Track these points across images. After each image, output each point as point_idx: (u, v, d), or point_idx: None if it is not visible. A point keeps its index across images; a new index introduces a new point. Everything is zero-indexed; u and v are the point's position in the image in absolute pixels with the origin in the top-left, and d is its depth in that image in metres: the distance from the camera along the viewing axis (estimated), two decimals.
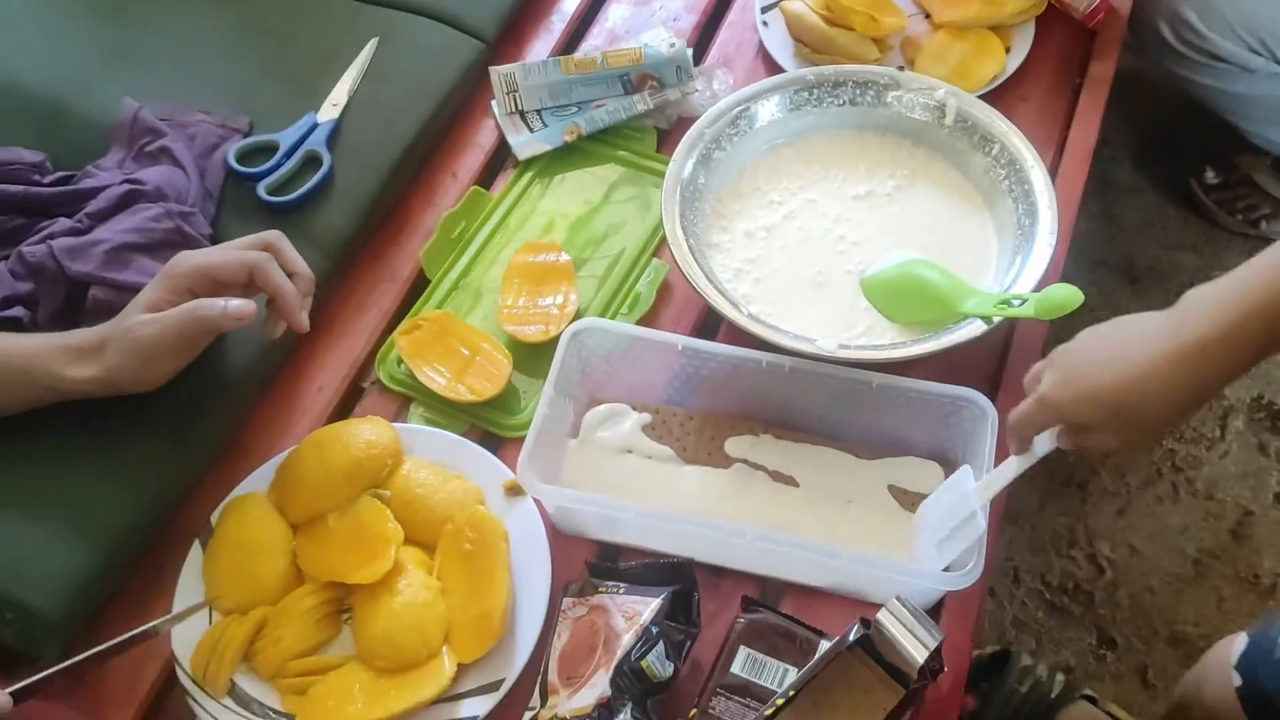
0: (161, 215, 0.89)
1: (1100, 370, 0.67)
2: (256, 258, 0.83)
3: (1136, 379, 0.65)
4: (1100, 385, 0.67)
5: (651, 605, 0.76)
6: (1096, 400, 0.67)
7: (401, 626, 0.78)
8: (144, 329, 0.79)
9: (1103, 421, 0.68)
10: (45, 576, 0.80)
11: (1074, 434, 0.71)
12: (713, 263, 0.95)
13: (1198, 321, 0.64)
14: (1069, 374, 0.69)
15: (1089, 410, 0.68)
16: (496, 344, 0.96)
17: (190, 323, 0.80)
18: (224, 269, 0.82)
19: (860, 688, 0.68)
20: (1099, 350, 0.69)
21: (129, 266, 0.87)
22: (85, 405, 0.84)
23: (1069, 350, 0.71)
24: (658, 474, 0.90)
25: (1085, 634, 1.34)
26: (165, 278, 0.82)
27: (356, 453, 0.85)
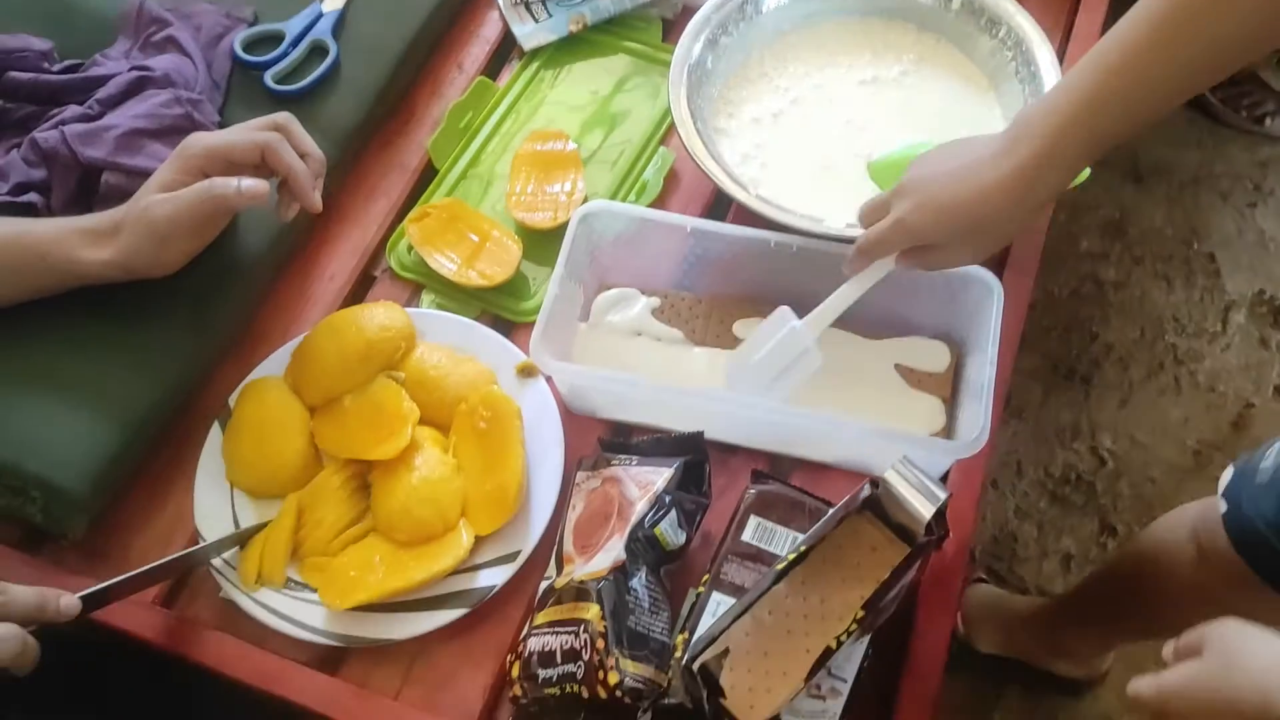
0: (171, 101, 0.89)
1: (954, 193, 0.72)
2: (269, 138, 0.83)
3: (987, 196, 0.70)
4: (956, 205, 0.72)
5: (664, 474, 0.77)
6: (953, 218, 0.72)
7: (419, 500, 0.80)
8: (159, 208, 0.80)
9: (959, 235, 0.74)
10: (70, 455, 0.81)
11: (921, 254, 0.76)
12: (720, 147, 0.95)
13: (1029, 140, 0.69)
14: (922, 198, 0.74)
15: (946, 227, 0.73)
16: (506, 230, 0.96)
17: (205, 201, 0.81)
18: (236, 149, 0.83)
19: (868, 546, 0.70)
20: (949, 176, 0.73)
21: (140, 151, 0.87)
22: (106, 294, 0.85)
23: (915, 178, 0.75)
24: (667, 356, 0.91)
25: (1087, 523, 1.37)
26: (178, 159, 0.82)
27: (371, 335, 0.86)
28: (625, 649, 0.70)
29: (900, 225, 0.75)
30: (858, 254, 0.79)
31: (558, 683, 0.71)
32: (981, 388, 0.80)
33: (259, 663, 0.78)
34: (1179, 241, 1.58)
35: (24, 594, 0.68)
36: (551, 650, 0.72)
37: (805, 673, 0.66)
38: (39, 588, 0.69)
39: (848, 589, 0.69)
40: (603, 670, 0.69)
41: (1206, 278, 1.54)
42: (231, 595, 0.80)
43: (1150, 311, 1.52)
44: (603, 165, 1.02)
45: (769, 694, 0.66)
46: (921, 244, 0.76)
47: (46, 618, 0.69)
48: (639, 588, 0.74)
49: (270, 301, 0.96)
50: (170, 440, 0.88)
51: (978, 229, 0.73)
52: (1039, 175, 0.69)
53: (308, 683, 0.77)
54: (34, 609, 0.68)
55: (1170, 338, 1.49)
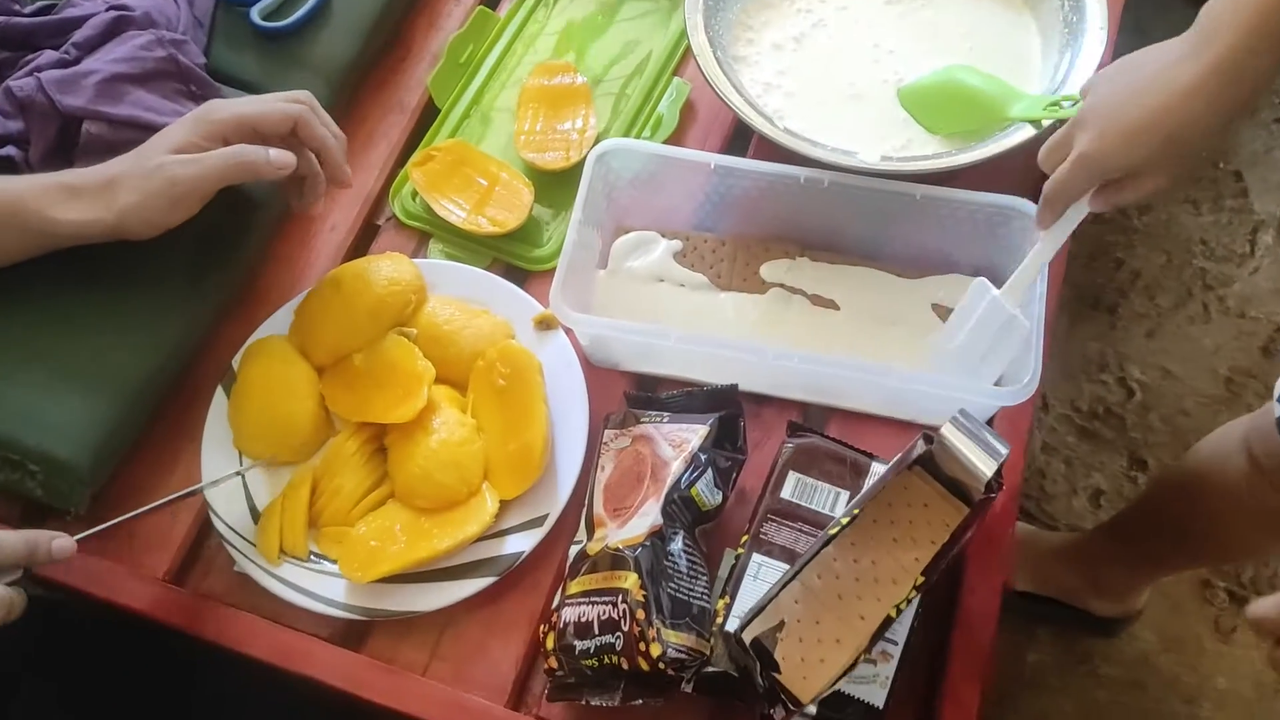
0: (153, 43, 0.83)
1: (1140, 106, 0.64)
2: (301, 110, 0.78)
3: (1181, 101, 0.63)
4: (1145, 118, 0.64)
5: (699, 432, 0.73)
6: (1145, 133, 0.64)
7: (439, 464, 0.76)
8: (182, 169, 0.75)
9: (1152, 156, 0.65)
10: (68, 427, 0.77)
11: (1117, 187, 0.68)
12: (740, 77, 0.89)
13: (1222, 34, 0.61)
14: (1105, 124, 0.66)
15: (1138, 148, 0.65)
16: (515, 173, 0.91)
17: (233, 167, 0.75)
18: (266, 119, 0.77)
19: (919, 503, 0.66)
20: (1130, 89, 0.65)
21: (123, 99, 0.81)
22: (96, 258, 0.79)
23: (1093, 105, 0.68)
24: (692, 302, 0.86)
25: (1117, 457, 1.33)
26: (199, 122, 0.76)
27: (379, 290, 0.81)
28: (666, 618, 0.67)
29: (1085, 161, 0.67)
30: (1045, 205, 0.71)
31: (595, 654, 0.68)
32: (1028, 329, 0.75)
33: (279, 640, 0.75)
34: (1206, 162, 1.52)
35: (10, 538, 0.65)
36: (588, 621, 0.68)
37: (860, 641, 0.63)
38: (27, 531, 0.66)
39: (900, 550, 0.65)
40: (644, 642, 0.65)
41: (1234, 198, 1.49)
42: (247, 569, 0.76)
43: (1177, 235, 1.46)
44: (614, 99, 0.96)
45: (822, 664, 0.63)
46: (1113, 177, 0.67)
47: (38, 561, 0.66)
48: (677, 552, 0.70)
49: (270, 256, 0.90)
50: (173, 408, 0.83)
51: (1174, 145, 0.64)
52: (1240, 69, 0.61)
53: (331, 659, 0.74)
54: (22, 554, 0.65)
55: (1198, 262, 1.44)
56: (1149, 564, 1.14)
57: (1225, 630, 1.23)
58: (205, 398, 0.82)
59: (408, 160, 0.93)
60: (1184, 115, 0.63)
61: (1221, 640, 1.23)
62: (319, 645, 0.74)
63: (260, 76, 0.92)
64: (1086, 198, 0.70)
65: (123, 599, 0.76)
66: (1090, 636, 1.22)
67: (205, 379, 0.84)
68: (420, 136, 0.95)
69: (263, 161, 0.76)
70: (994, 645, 0.72)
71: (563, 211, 0.91)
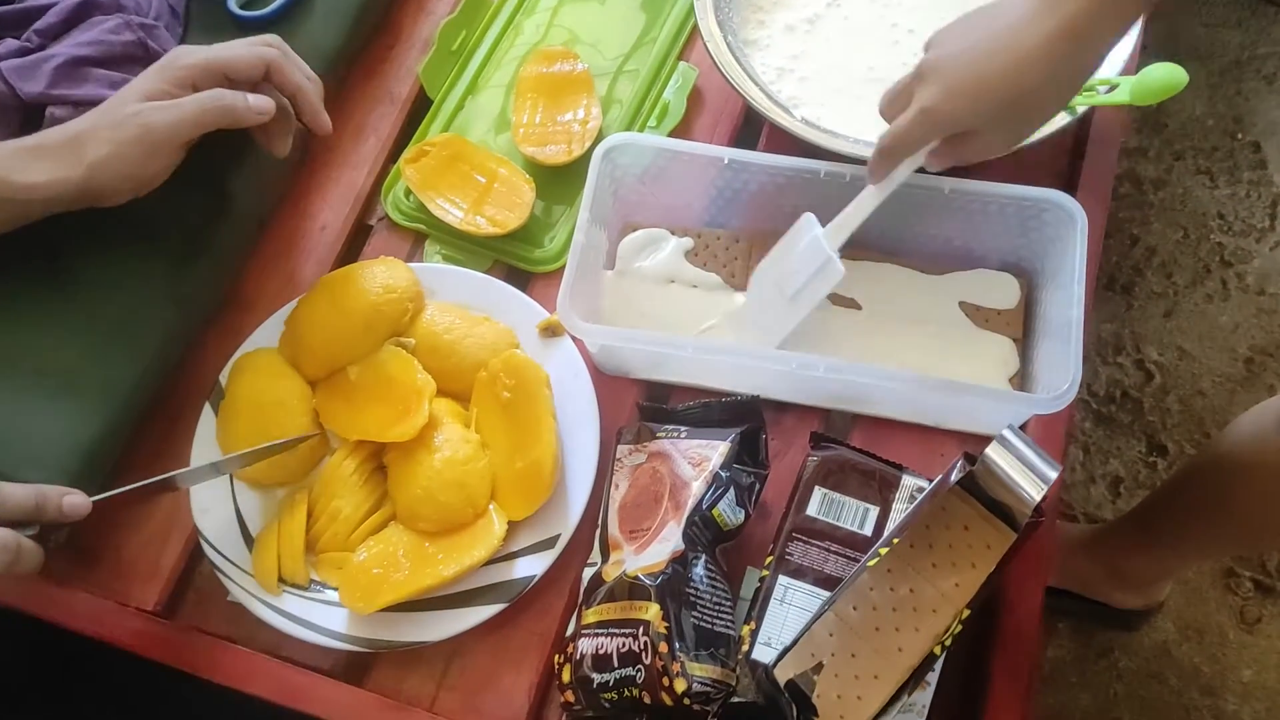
0: (120, 27, 0.77)
1: (988, 64, 0.62)
2: (273, 54, 0.74)
3: (1027, 66, 0.61)
4: (991, 78, 0.62)
5: (720, 449, 0.69)
6: (989, 96, 0.63)
7: (443, 484, 0.72)
8: (156, 115, 0.70)
9: (995, 117, 0.64)
10: (42, 448, 0.72)
11: (955, 146, 0.67)
12: (752, 62, 0.84)
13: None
14: (950, 80, 0.64)
15: (981, 111, 0.64)
16: (515, 168, 0.86)
17: (210, 111, 0.71)
18: (237, 64, 0.73)
19: (959, 525, 0.62)
20: (978, 46, 0.63)
21: (87, 80, 0.76)
22: (70, 263, 0.75)
23: (939, 58, 0.65)
24: (705, 303, 0.81)
25: (1135, 442, 1.30)
26: (165, 69, 0.72)
27: (373, 297, 0.77)
28: (690, 649, 0.63)
29: (926, 115, 0.65)
30: (879, 156, 0.70)
31: (615, 687, 0.64)
32: (1066, 329, 0.71)
33: (277, 676, 0.71)
34: (1221, 132, 1.47)
35: (19, 492, 0.63)
36: (607, 653, 0.64)
37: (900, 676, 0.59)
38: (38, 485, 0.64)
39: (940, 576, 0.61)
40: (667, 677, 0.61)
41: (1252, 170, 1.44)
42: (241, 600, 0.72)
43: (1193, 210, 1.42)
44: (616, 86, 0.90)
45: (859, 702, 0.59)
46: (953, 133, 0.66)
47: (48, 518, 0.63)
48: (699, 577, 0.66)
49: (256, 259, 0.85)
50: (157, 426, 0.79)
51: (1017, 108, 0.63)
52: (1089, 31, 0.60)
53: (332, 695, 0.70)
54: (31, 509, 0.63)
55: (1216, 237, 1.40)
56: (1175, 553, 1.11)
57: (1250, 620, 1.20)
58: (192, 415, 0.77)
59: (399, 155, 0.87)
60: (1030, 79, 0.62)
61: (1246, 631, 1.20)
62: (319, 681, 0.70)
63: None
64: (923, 152, 0.68)
65: (110, 634, 0.72)
66: (1110, 630, 1.19)
67: (191, 394, 0.79)
68: (412, 130, 0.90)
69: (242, 106, 0.72)
70: (1036, 668, 0.68)
71: (566, 208, 0.86)
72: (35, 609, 0.73)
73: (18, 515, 0.62)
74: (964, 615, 0.59)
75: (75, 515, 0.64)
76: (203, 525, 0.74)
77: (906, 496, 0.70)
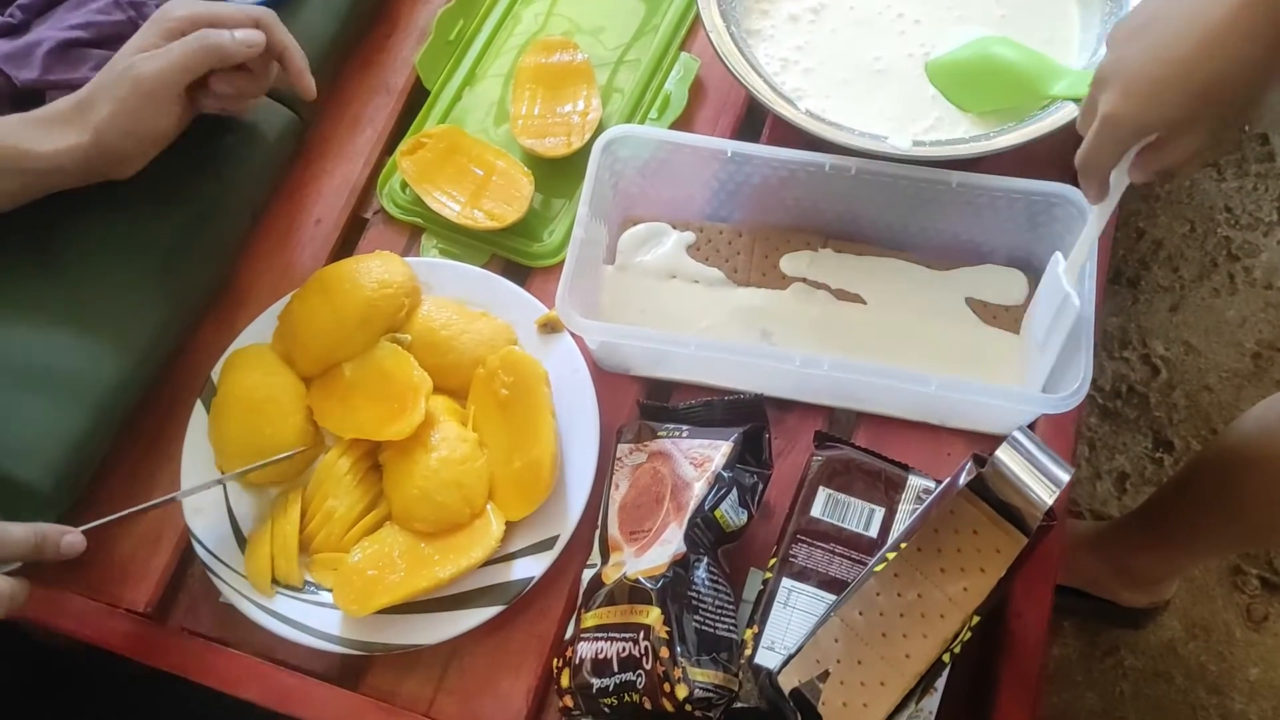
0: (110, 6, 0.77)
1: (1167, 56, 0.55)
2: (263, 11, 0.74)
3: (1212, 47, 0.54)
4: (1173, 70, 0.55)
5: (722, 449, 0.67)
6: (1176, 86, 0.55)
7: (440, 484, 0.70)
8: (146, 64, 0.70)
9: (1188, 111, 0.56)
10: (26, 446, 0.70)
11: (1154, 150, 0.59)
12: (755, 52, 0.83)
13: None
14: (1129, 79, 0.56)
15: (1170, 103, 0.56)
16: (513, 161, 0.84)
17: (199, 51, 0.70)
18: (227, 19, 0.72)
19: (968, 529, 0.61)
20: (1154, 39, 0.56)
21: (82, 63, 0.76)
22: (59, 253, 0.74)
23: (1115, 59, 0.58)
24: (707, 299, 0.80)
25: (1141, 438, 1.28)
26: (156, 23, 0.72)
27: (369, 293, 0.75)
28: (691, 654, 0.62)
29: (1110, 123, 0.58)
30: (1081, 178, 0.63)
31: (615, 692, 0.62)
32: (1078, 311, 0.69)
33: (270, 679, 0.69)
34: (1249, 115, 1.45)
35: (19, 531, 0.62)
36: (606, 657, 0.63)
37: (907, 683, 0.58)
38: (37, 524, 0.63)
39: (948, 581, 0.60)
40: (668, 682, 0.60)
41: (1259, 162, 1.42)
42: (234, 601, 0.70)
43: (1200, 203, 1.40)
44: (617, 77, 0.89)
45: (865, 710, 0.57)
46: (1145, 138, 0.58)
47: (46, 558, 0.63)
48: (701, 580, 0.64)
49: (249, 253, 0.84)
50: (148, 424, 0.77)
51: (1207, 99, 0.55)
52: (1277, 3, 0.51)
53: (327, 700, 0.69)
54: (30, 548, 0.63)
55: (1223, 231, 1.38)
56: (1183, 551, 1.09)
57: (1257, 618, 1.18)
58: (183, 412, 0.76)
59: (396, 148, 0.86)
60: (1217, 63, 0.54)
61: (1253, 629, 1.18)
62: (313, 685, 0.69)
63: None
64: (1124, 168, 0.61)
65: (99, 637, 0.71)
66: (1116, 628, 1.18)
67: (182, 390, 0.77)
68: (409, 121, 0.88)
69: (229, 41, 0.72)
70: (1044, 675, 0.66)
71: (565, 201, 0.84)
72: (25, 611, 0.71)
73: (17, 555, 0.62)
74: (974, 621, 0.57)
75: (72, 554, 0.64)
76: (195, 526, 0.72)
77: (913, 497, 0.68)
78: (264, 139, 0.82)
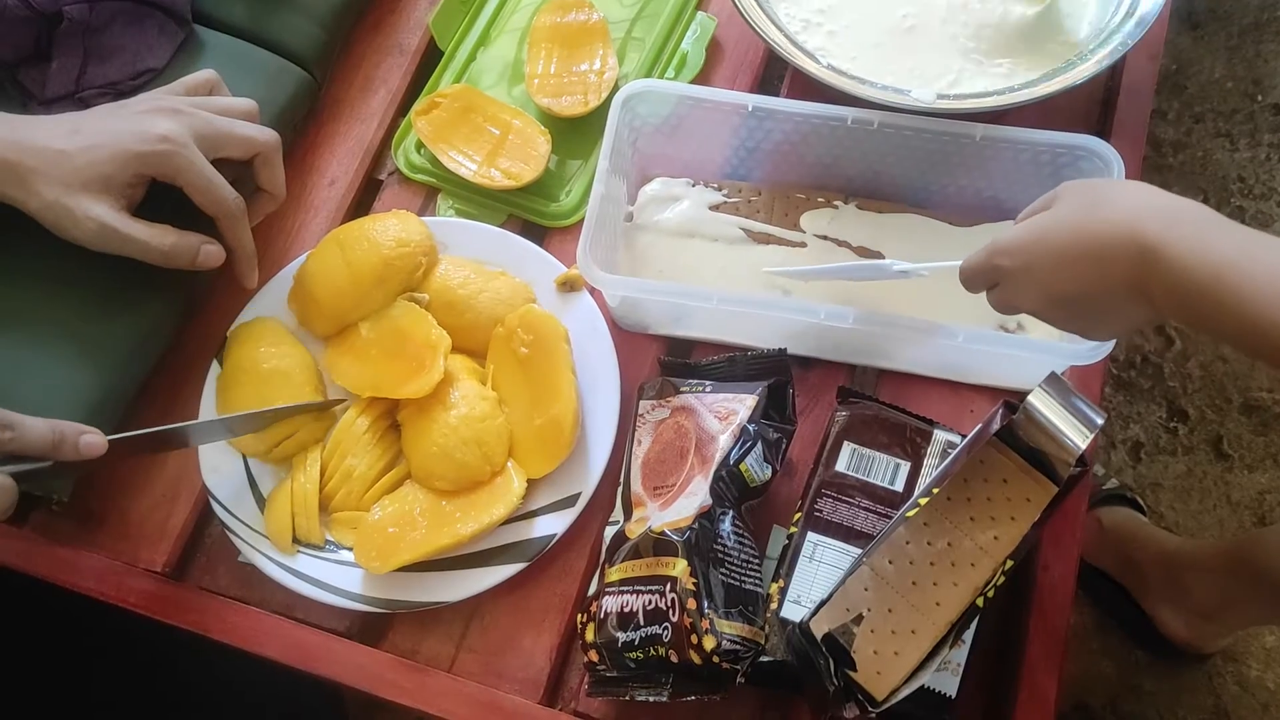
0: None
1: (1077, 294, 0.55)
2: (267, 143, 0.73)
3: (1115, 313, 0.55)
4: (1071, 303, 0.56)
5: (747, 403, 0.67)
6: (1062, 308, 0.57)
7: (460, 441, 0.70)
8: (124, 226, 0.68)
9: (1054, 319, 0.59)
10: (43, 406, 0.68)
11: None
12: (776, 11, 0.82)
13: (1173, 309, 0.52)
14: (1032, 280, 0.56)
15: (1045, 311, 0.58)
16: (529, 120, 0.83)
17: (164, 254, 0.70)
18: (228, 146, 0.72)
19: (998, 478, 0.60)
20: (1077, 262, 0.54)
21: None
22: None
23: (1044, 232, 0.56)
24: (727, 257, 0.79)
25: (1155, 408, 1.27)
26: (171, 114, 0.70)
27: (386, 251, 0.74)
28: (719, 607, 0.61)
29: (998, 295, 0.60)
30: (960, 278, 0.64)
31: (640, 646, 0.62)
32: None
33: (292, 637, 0.69)
34: (1241, 95, 1.45)
35: (38, 426, 0.61)
36: (632, 610, 0.62)
37: (938, 631, 0.57)
38: (55, 421, 0.62)
39: (978, 529, 0.59)
40: (695, 635, 0.59)
41: (1272, 133, 1.41)
42: (253, 560, 0.70)
43: (1214, 174, 1.39)
44: (632, 36, 0.88)
45: (897, 657, 0.57)
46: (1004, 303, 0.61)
47: (63, 455, 0.62)
48: (727, 533, 0.64)
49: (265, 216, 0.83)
50: (164, 383, 0.76)
51: (1077, 326, 0.59)
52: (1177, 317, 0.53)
53: (349, 657, 0.68)
54: (48, 445, 0.61)
55: (1236, 201, 1.37)
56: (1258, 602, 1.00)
57: None
58: (199, 371, 0.75)
59: (410, 108, 0.85)
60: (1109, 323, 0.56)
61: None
62: (335, 642, 0.68)
63: (248, 21, 0.84)
64: None
65: (118, 596, 0.70)
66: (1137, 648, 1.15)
67: (198, 351, 0.77)
68: (423, 82, 0.87)
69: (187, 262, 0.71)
70: (1069, 630, 0.66)
71: (583, 161, 0.83)
72: (42, 571, 0.70)
73: (34, 450, 0.61)
74: (1007, 566, 0.57)
75: (91, 454, 0.62)
76: (212, 484, 0.72)
77: (939, 451, 0.68)
78: (276, 101, 0.81)
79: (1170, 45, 1.48)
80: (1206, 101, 1.45)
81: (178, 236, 0.70)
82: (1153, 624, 1.12)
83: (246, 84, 0.78)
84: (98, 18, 0.77)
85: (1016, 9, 0.80)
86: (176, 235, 0.70)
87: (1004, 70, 0.79)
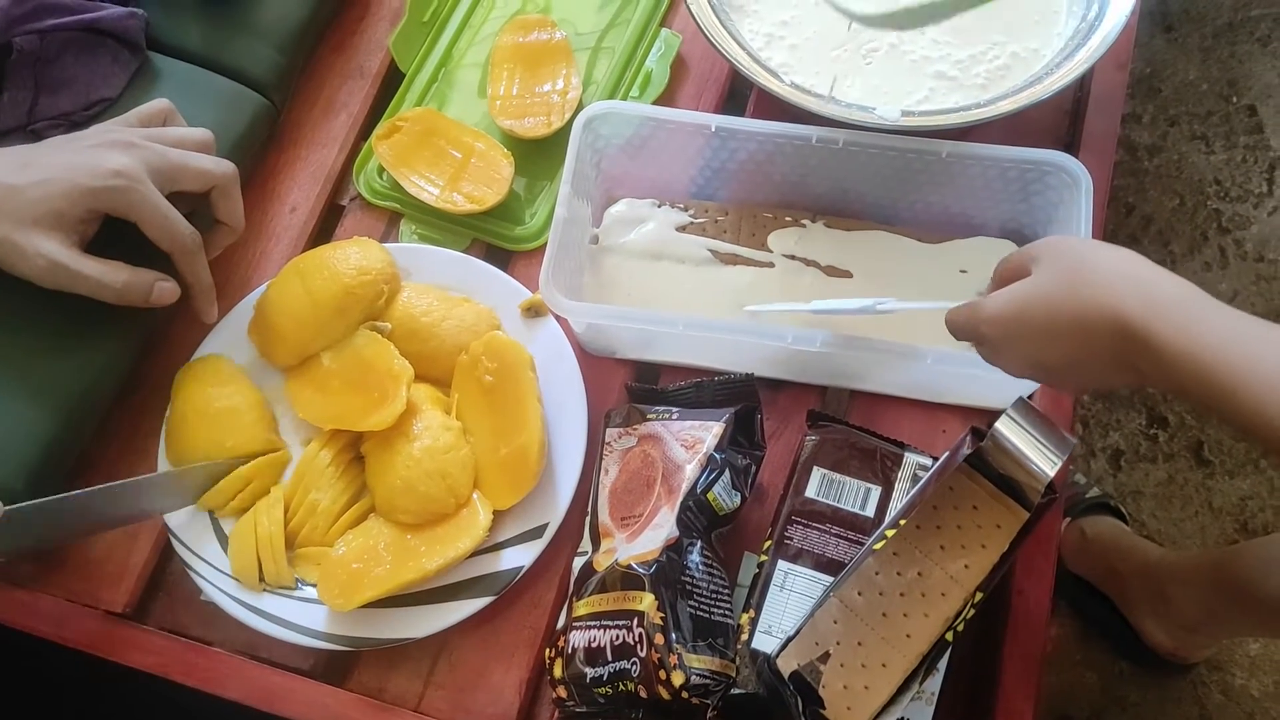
0: None
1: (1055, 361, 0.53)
2: (223, 176, 0.71)
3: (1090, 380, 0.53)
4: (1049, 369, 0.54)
5: (714, 430, 0.66)
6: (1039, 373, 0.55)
7: (423, 474, 0.68)
8: (76, 264, 0.66)
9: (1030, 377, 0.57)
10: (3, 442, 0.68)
11: None
12: (739, 27, 0.81)
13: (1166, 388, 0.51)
14: (1013, 346, 0.55)
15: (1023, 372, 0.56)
16: (492, 142, 0.82)
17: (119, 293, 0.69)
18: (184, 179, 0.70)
19: (968, 505, 0.59)
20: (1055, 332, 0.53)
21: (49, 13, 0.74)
22: None
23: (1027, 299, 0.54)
24: (695, 278, 0.78)
25: (1135, 415, 1.27)
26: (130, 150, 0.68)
27: (346, 280, 0.73)
28: (687, 640, 0.60)
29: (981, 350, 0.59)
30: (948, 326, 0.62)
31: (609, 681, 0.61)
32: None
33: (254, 678, 0.67)
34: (1216, 96, 1.44)
35: None
36: (600, 646, 0.61)
37: (909, 664, 0.56)
38: None
39: (949, 559, 0.58)
40: (664, 670, 0.58)
41: (1248, 134, 1.41)
42: (215, 599, 0.68)
43: (1189, 177, 1.39)
44: (596, 55, 0.87)
45: (867, 692, 0.56)
46: None
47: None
48: (695, 565, 0.63)
49: None
50: (122, 422, 0.75)
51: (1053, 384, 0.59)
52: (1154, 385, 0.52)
53: (313, 697, 0.67)
54: None
55: (1213, 204, 1.37)
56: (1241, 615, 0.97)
57: None
58: (158, 409, 0.74)
59: (371, 132, 0.84)
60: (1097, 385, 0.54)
61: None
62: (299, 683, 0.67)
63: (203, 47, 0.82)
64: None
65: (76, 638, 0.68)
66: (1121, 659, 1.14)
67: (157, 387, 0.75)
68: (384, 105, 0.86)
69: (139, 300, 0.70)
70: (1045, 655, 0.65)
71: (546, 184, 0.82)
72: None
73: None
74: (976, 599, 0.56)
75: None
76: (173, 524, 0.70)
77: (909, 475, 0.67)
78: (234, 128, 0.80)
79: (1144, 48, 1.47)
80: (1181, 104, 1.44)
81: (131, 274, 0.68)
82: (1136, 634, 1.11)
83: (203, 111, 0.77)
84: (49, 48, 0.75)
85: None
86: (130, 272, 0.68)
87: (979, 81, 0.79)
